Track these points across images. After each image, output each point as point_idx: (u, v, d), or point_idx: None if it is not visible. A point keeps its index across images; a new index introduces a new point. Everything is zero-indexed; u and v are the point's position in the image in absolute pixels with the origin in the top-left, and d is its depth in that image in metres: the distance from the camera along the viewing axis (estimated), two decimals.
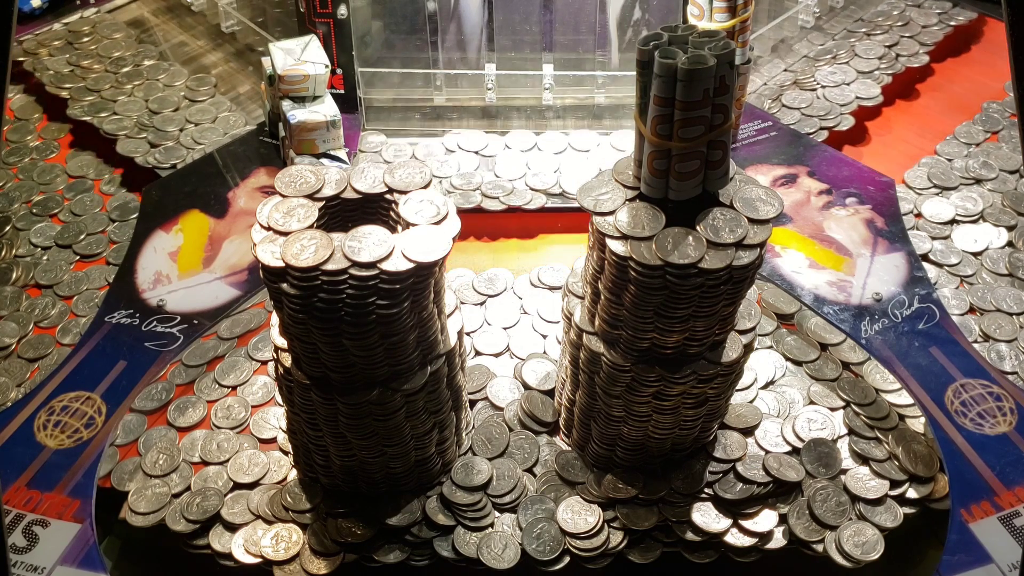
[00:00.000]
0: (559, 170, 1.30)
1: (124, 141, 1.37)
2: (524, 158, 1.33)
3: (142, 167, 1.34)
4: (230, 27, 1.52)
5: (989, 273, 1.21)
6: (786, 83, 1.45)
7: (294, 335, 0.83)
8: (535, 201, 1.26)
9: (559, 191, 1.27)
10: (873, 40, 1.53)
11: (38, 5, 1.60)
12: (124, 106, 1.43)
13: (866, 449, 1.01)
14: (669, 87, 0.77)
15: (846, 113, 1.40)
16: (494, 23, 1.36)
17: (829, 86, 1.44)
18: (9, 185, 1.35)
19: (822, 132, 1.37)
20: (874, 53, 1.50)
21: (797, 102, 1.41)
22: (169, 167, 1.32)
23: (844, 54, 1.50)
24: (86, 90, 1.46)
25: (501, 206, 1.25)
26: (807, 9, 1.51)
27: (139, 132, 1.39)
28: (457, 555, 0.94)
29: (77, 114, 1.42)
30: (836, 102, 1.41)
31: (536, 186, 1.27)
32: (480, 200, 1.26)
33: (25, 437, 1.00)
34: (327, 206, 0.85)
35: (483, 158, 1.33)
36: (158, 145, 1.36)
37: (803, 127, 1.37)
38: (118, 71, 1.50)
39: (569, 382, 0.98)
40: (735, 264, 0.80)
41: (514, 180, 1.29)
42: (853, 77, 1.46)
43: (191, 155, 1.34)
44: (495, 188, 1.27)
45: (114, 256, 1.23)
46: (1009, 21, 0.73)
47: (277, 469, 1.01)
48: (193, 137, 1.38)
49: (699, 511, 0.97)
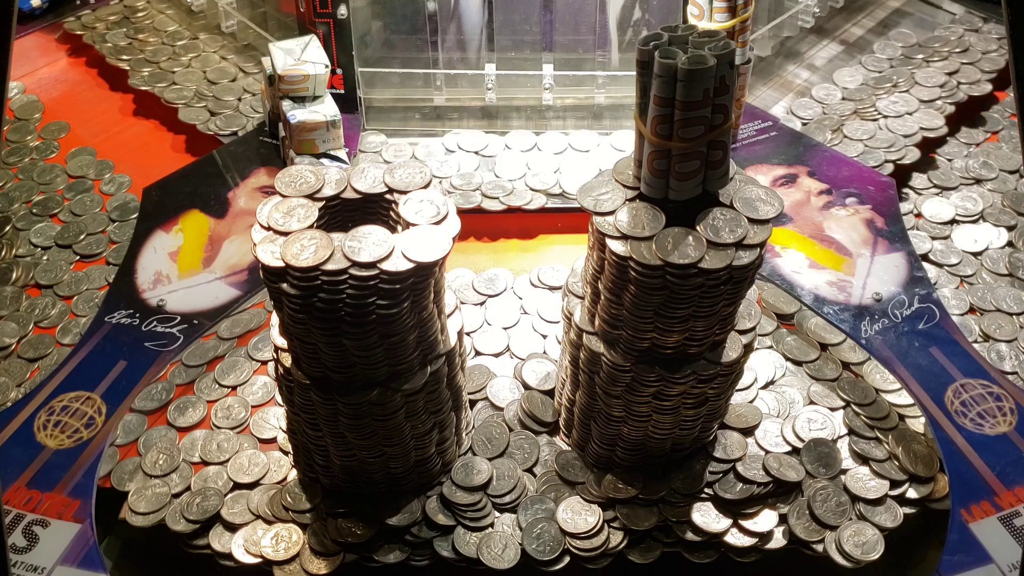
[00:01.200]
0: (559, 170, 1.30)
1: (185, 109, 1.41)
2: (524, 158, 1.32)
3: (203, 134, 1.37)
4: (230, 27, 1.52)
5: (989, 273, 1.21)
6: (846, 112, 1.40)
7: (294, 335, 0.83)
8: (535, 201, 1.26)
9: (559, 191, 1.27)
10: (932, 67, 1.47)
11: (38, 5, 1.60)
12: (183, 76, 1.48)
13: (866, 449, 1.01)
14: (669, 87, 0.77)
15: (910, 145, 1.33)
16: (494, 23, 1.36)
17: (891, 116, 1.38)
18: (9, 185, 1.35)
19: (887, 165, 1.30)
20: (935, 81, 1.44)
21: (859, 133, 1.35)
22: (229, 134, 1.37)
23: (903, 82, 1.44)
24: (145, 61, 1.51)
25: (501, 206, 1.25)
26: (807, 9, 1.51)
27: (198, 101, 1.42)
28: (457, 555, 0.94)
29: (138, 84, 1.47)
30: (899, 133, 1.35)
31: (536, 186, 1.27)
32: (480, 200, 1.25)
33: (25, 437, 0.99)
34: (327, 206, 0.85)
35: (483, 158, 1.33)
36: (218, 113, 1.40)
37: (867, 159, 1.31)
38: (174, 44, 1.54)
39: (569, 382, 0.98)
40: (735, 264, 0.80)
41: (514, 180, 1.29)
42: (915, 107, 1.40)
43: (250, 122, 1.38)
44: (495, 188, 1.27)
45: (114, 256, 1.23)
46: (1009, 21, 0.73)
47: (277, 469, 1.01)
48: (252, 106, 1.42)
49: (699, 511, 0.97)
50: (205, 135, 1.37)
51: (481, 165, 1.32)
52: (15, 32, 0.73)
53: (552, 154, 1.33)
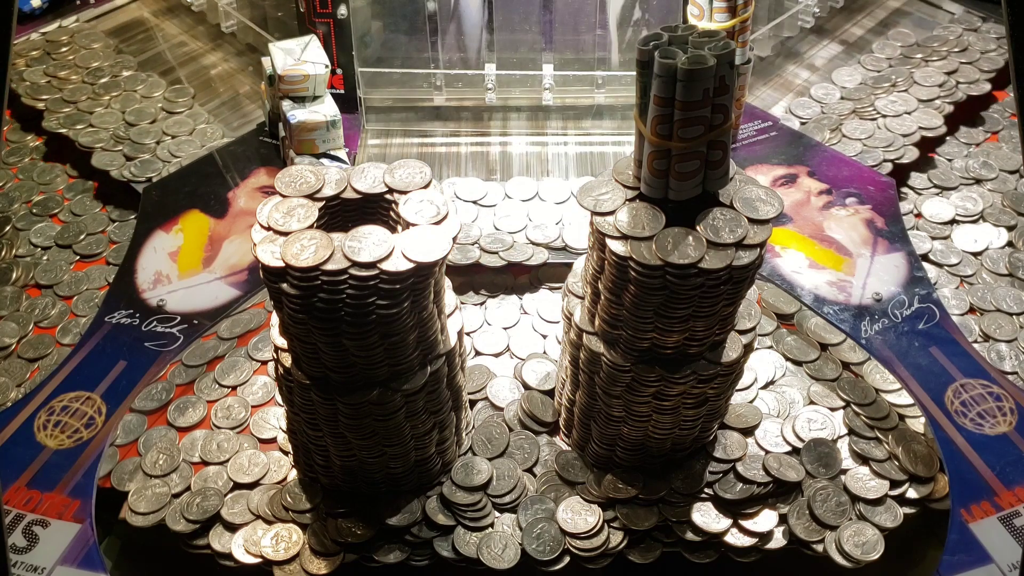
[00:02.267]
0: (561, 222, 1.23)
1: (100, 154, 1.34)
2: (524, 208, 1.25)
3: (116, 180, 1.31)
4: (230, 27, 1.52)
5: (989, 273, 1.21)
6: (844, 112, 1.40)
7: (294, 335, 0.83)
8: (536, 256, 1.19)
9: (562, 245, 1.20)
10: (931, 67, 1.47)
11: (38, 5, 1.60)
12: (100, 118, 1.39)
13: (866, 449, 1.01)
14: (669, 87, 0.77)
15: (909, 144, 1.33)
16: (494, 23, 1.36)
17: (890, 115, 1.38)
18: (9, 185, 1.35)
19: (886, 165, 1.30)
20: (934, 80, 1.43)
21: (858, 132, 1.36)
22: (144, 180, 1.29)
23: (903, 82, 1.44)
24: (62, 101, 1.42)
25: (501, 262, 1.18)
26: (807, 9, 1.51)
27: (115, 145, 1.35)
28: (457, 555, 0.94)
29: (52, 126, 1.39)
30: (898, 132, 1.35)
31: (537, 239, 1.20)
32: (479, 255, 1.18)
33: (25, 437, 0.99)
34: (327, 206, 0.85)
35: (482, 208, 1.25)
36: (134, 158, 1.33)
37: (865, 159, 1.31)
38: (96, 82, 1.46)
39: (569, 382, 0.98)
40: (735, 264, 0.80)
41: (514, 233, 1.21)
42: (914, 106, 1.40)
43: (167, 168, 1.31)
44: (494, 242, 1.20)
45: (114, 256, 1.23)
46: (1009, 21, 0.73)
47: (277, 469, 1.01)
48: (170, 150, 1.35)
49: (699, 511, 0.97)
50: (117, 181, 1.30)
51: (479, 216, 1.24)
52: (15, 32, 0.73)
53: (554, 204, 1.26)
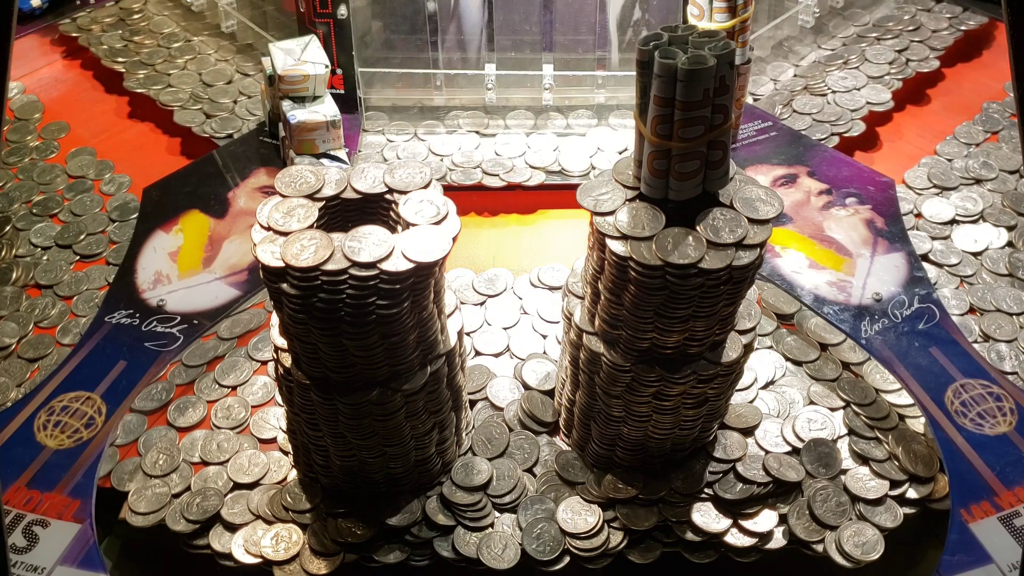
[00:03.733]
0: (558, 148, 1.33)
1: (181, 112, 1.41)
2: (524, 139, 1.36)
3: (199, 136, 1.37)
4: (230, 27, 1.52)
5: (989, 273, 1.21)
6: (796, 88, 1.44)
7: (294, 335, 0.83)
8: (534, 178, 1.29)
9: (558, 169, 1.30)
10: (883, 45, 1.52)
11: (38, 5, 1.60)
12: (179, 78, 1.47)
13: (866, 449, 1.01)
14: (669, 87, 0.77)
15: (857, 119, 1.38)
16: (494, 23, 1.36)
17: (840, 91, 1.43)
18: (9, 185, 1.35)
19: (833, 138, 1.36)
20: (884, 58, 1.49)
21: (808, 107, 1.40)
22: (225, 136, 1.36)
23: (855, 59, 1.49)
24: (140, 64, 1.50)
25: (501, 183, 1.28)
26: (807, 9, 1.51)
27: (194, 104, 1.42)
28: (457, 555, 0.94)
29: (133, 86, 1.46)
30: (846, 107, 1.40)
31: (536, 164, 1.31)
32: (481, 177, 1.29)
33: (25, 437, 1.00)
34: (327, 206, 0.85)
35: (484, 137, 1.36)
36: (213, 116, 1.40)
37: (814, 132, 1.36)
38: (170, 46, 1.53)
39: (569, 382, 0.98)
40: (735, 264, 0.80)
41: (514, 158, 1.32)
42: (863, 82, 1.45)
43: (246, 125, 1.38)
44: (495, 166, 1.30)
45: (114, 256, 1.23)
46: (1009, 21, 0.73)
47: (277, 469, 1.01)
48: (247, 108, 1.41)
49: (699, 511, 0.97)
50: (201, 138, 1.37)
51: (482, 144, 1.35)
52: (15, 32, 0.73)
53: (551, 133, 1.37)
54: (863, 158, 1.36)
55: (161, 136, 1.42)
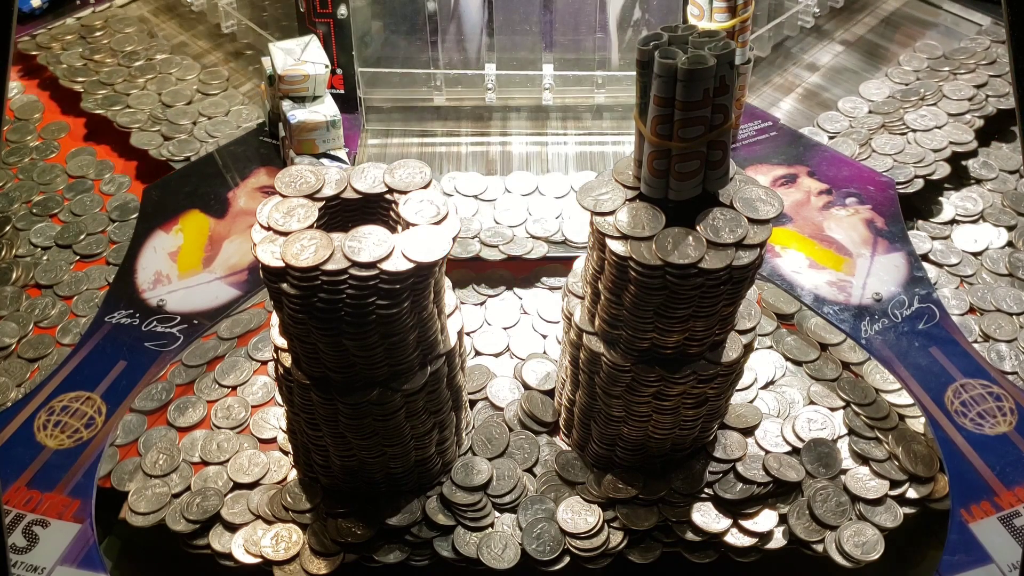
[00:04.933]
0: (561, 216, 1.23)
1: (138, 134, 1.38)
2: (524, 202, 1.25)
3: (156, 159, 1.34)
4: (230, 27, 1.52)
5: (989, 273, 1.21)
6: (873, 126, 1.38)
7: (294, 335, 0.83)
8: (536, 250, 1.19)
9: (561, 239, 1.20)
10: (960, 80, 1.45)
11: (38, 5, 1.60)
12: (137, 99, 1.44)
13: (866, 449, 1.01)
14: (669, 87, 0.77)
15: (940, 160, 1.31)
16: (494, 23, 1.36)
17: (919, 130, 1.36)
18: (9, 185, 1.35)
19: (917, 181, 1.28)
20: (962, 94, 1.41)
21: (888, 147, 1.33)
22: (182, 159, 1.33)
23: (931, 95, 1.42)
24: (99, 83, 1.47)
25: (500, 256, 1.19)
26: (807, 9, 1.51)
27: (152, 125, 1.40)
28: (457, 555, 0.94)
29: (91, 107, 1.43)
30: (928, 147, 1.33)
31: (537, 233, 1.21)
32: (479, 249, 1.19)
33: (25, 437, 0.99)
34: (327, 206, 0.85)
35: (482, 202, 1.26)
36: (171, 138, 1.37)
37: (896, 175, 1.28)
38: (131, 65, 1.51)
39: (569, 382, 0.98)
40: (735, 264, 0.80)
41: (514, 227, 1.22)
42: (944, 120, 1.37)
43: (204, 148, 1.35)
44: (494, 236, 1.20)
45: (114, 256, 1.23)
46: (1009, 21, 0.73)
47: (277, 469, 1.01)
48: (207, 130, 1.39)
49: (699, 511, 0.97)
50: (158, 160, 1.34)
51: (480, 210, 1.25)
52: (15, 32, 0.73)
53: (554, 198, 1.26)
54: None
55: (118, 159, 1.39)
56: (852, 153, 1.33)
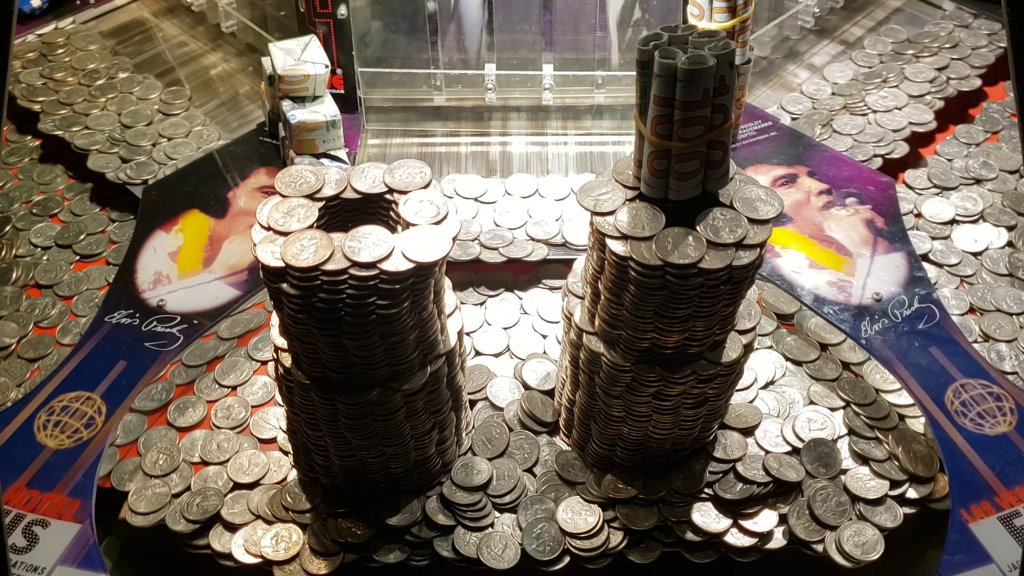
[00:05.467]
0: (561, 218, 1.23)
1: (96, 156, 1.33)
2: (525, 205, 1.25)
3: (112, 182, 1.31)
4: (230, 27, 1.52)
5: (989, 273, 1.21)
6: (835, 107, 1.41)
7: (294, 335, 0.83)
8: (536, 253, 1.19)
9: (562, 241, 1.20)
10: (922, 63, 1.48)
11: (38, 5, 1.60)
12: (96, 120, 1.39)
13: (866, 449, 1.01)
14: (669, 87, 0.77)
15: (899, 140, 1.35)
16: (494, 23, 1.36)
17: (880, 111, 1.39)
18: (9, 185, 1.35)
19: (876, 160, 1.32)
20: (924, 76, 1.45)
21: (848, 127, 1.37)
22: (140, 182, 1.29)
23: (894, 77, 1.45)
24: (58, 103, 1.42)
25: (500, 258, 1.18)
26: (807, 9, 1.51)
27: (111, 147, 1.35)
28: (457, 555, 0.94)
29: (48, 128, 1.38)
30: (888, 128, 1.37)
31: (537, 235, 1.20)
32: (479, 252, 1.19)
33: (25, 437, 1.00)
34: (327, 206, 0.85)
35: (482, 205, 1.26)
36: (130, 160, 1.33)
37: (855, 154, 1.32)
38: (92, 84, 1.45)
39: (569, 382, 0.98)
40: (735, 264, 0.80)
41: (514, 229, 1.21)
42: (904, 101, 1.41)
43: (163, 170, 1.31)
44: (494, 238, 1.20)
45: (114, 256, 1.23)
46: (1009, 21, 0.73)
47: (277, 469, 1.01)
48: (166, 152, 1.35)
49: (699, 511, 0.97)
50: (114, 184, 1.31)
51: (480, 212, 1.25)
52: (15, 32, 0.73)
53: (554, 200, 1.26)
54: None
55: (72, 181, 1.35)
56: (814, 134, 1.36)
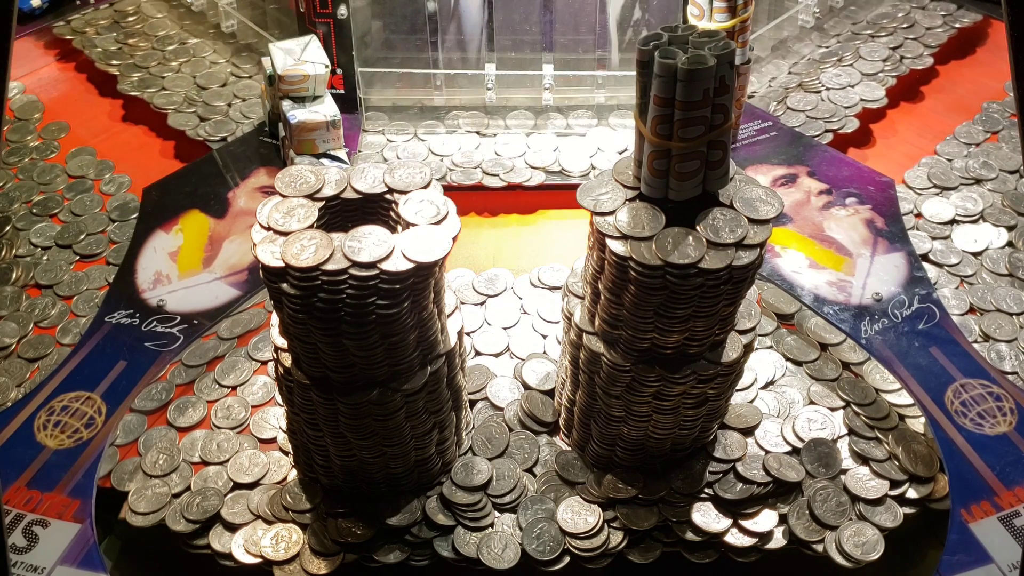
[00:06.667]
0: (558, 149, 1.33)
1: (174, 115, 1.40)
2: (524, 137, 1.36)
3: (192, 140, 1.37)
4: (230, 27, 1.52)
5: (989, 273, 1.21)
6: (791, 85, 1.45)
7: (294, 335, 0.83)
8: (535, 178, 1.29)
9: (558, 169, 1.30)
10: (877, 42, 1.52)
11: (38, 5, 1.60)
12: (172, 81, 1.46)
13: (866, 449, 1.01)
14: (669, 87, 0.77)
15: (850, 115, 1.39)
16: (494, 23, 1.36)
17: (834, 88, 1.43)
18: (9, 185, 1.35)
19: (827, 135, 1.36)
20: (878, 55, 1.49)
21: (802, 104, 1.41)
22: (219, 140, 1.36)
23: (849, 56, 1.49)
24: (134, 67, 1.50)
25: (501, 183, 1.28)
26: (807, 9, 1.51)
27: (188, 107, 1.42)
28: (457, 555, 0.94)
29: (127, 89, 1.45)
30: (840, 104, 1.41)
31: (536, 164, 1.31)
32: (481, 177, 1.29)
33: (25, 437, 1.00)
34: (327, 206, 0.85)
35: (484, 138, 1.36)
36: (207, 119, 1.40)
37: (808, 129, 1.36)
38: (164, 48, 1.53)
39: (569, 382, 0.98)
40: (735, 264, 0.80)
41: (514, 158, 1.32)
42: (858, 79, 1.45)
43: (240, 128, 1.37)
44: (495, 166, 1.30)
45: (114, 256, 1.23)
46: (1009, 21, 0.73)
47: (277, 469, 1.01)
48: (241, 111, 1.41)
49: (699, 511, 0.97)
50: (195, 141, 1.37)
51: (482, 144, 1.35)
52: (15, 32, 0.73)
53: (551, 133, 1.37)
54: (861, 157, 1.36)
55: (156, 139, 1.42)
56: (770, 110, 1.39)
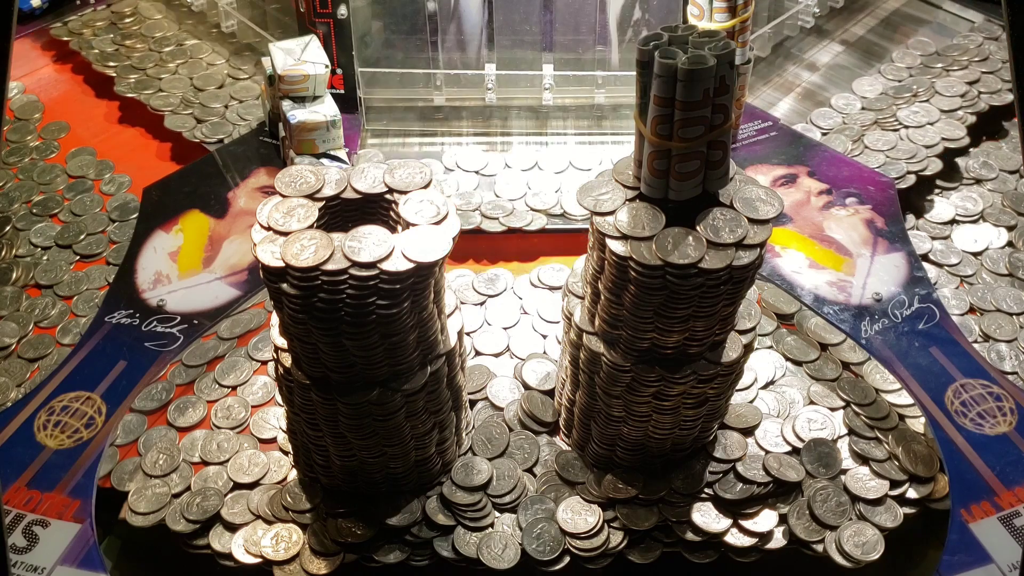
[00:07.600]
0: (560, 190, 1.27)
1: (171, 117, 1.40)
2: (524, 177, 1.29)
3: (189, 141, 1.36)
4: (230, 27, 1.52)
5: (989, 273, 1.21)
6: (866, 123, 1.39)
7: (294, 335, 0.83)
8: (535, 222, 1.23)
9: (560, 212, 1.24)
10: (953, 76, 1.45)
11: (38, 5, 1.60)
12: (169, 83, 1.47)
13: (866, 449, 1.01)
14: (669, 87, 0.77)
15: (932, 156, 1.32)
16: (494, 23, 1.36)
17: (912, 127, 1.37)
18: (9, 185, 1.35)
19: (909, 177, 1.29)
20: (955, 91, 1.42)
21: (880, 143, 1.34)
22: (216, 141, 1.36)
23: (924, 92, 1.42)
24: (131, 68, 1.50)
25: (501, 227, 1.23)
26: (807, 9, 1.51)
27: (185, 108, 1.42)
28: (457, 555, 0.94)
29: (124, 91, 1.46)
30: (920, 144, 1.34)
31: (537, 206, 1.24)
32: (480, 221, 1.23)
33: (25, 437, 1.00)
34: (327, 206, 0.85)
35: (483, 177, 1.30)
36: (204, 121, 1.39)
37: (888, 171, 1.29)
38: (161, 50, 1.54)
39: (569, 382, 0.98)
40: (735, 264, 0.80)
41: (514, 200, 1.26)
42: (936, 117, 1.38)
43: (237, 130, 1.37)
44: (495, 208, 1.24)
45: (114, 256, 1.23)
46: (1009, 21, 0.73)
47: (277, 469, 1.01)
48: (239, 113, 1.41)
49: (699, 511, 0.97)
50: (191, 142, 1.37)
51: (480, 184, 1.29)
52: (15, 32, 0.73)
53: (553, 173, 1.30)
54: None
55: (154, 140, 1.42)
56: (845, 150, 1.34)
